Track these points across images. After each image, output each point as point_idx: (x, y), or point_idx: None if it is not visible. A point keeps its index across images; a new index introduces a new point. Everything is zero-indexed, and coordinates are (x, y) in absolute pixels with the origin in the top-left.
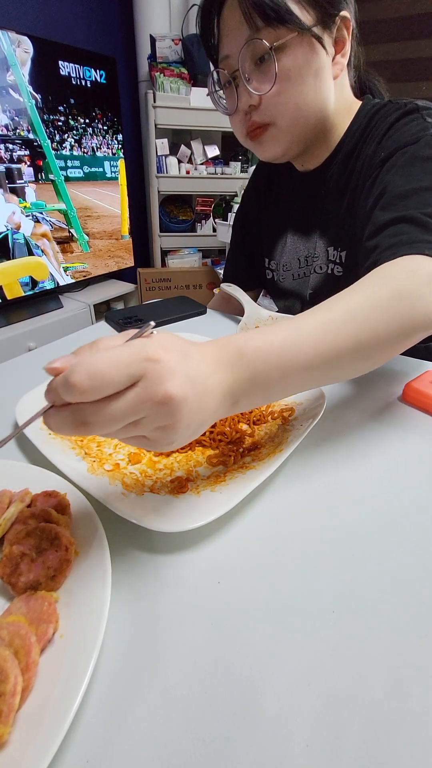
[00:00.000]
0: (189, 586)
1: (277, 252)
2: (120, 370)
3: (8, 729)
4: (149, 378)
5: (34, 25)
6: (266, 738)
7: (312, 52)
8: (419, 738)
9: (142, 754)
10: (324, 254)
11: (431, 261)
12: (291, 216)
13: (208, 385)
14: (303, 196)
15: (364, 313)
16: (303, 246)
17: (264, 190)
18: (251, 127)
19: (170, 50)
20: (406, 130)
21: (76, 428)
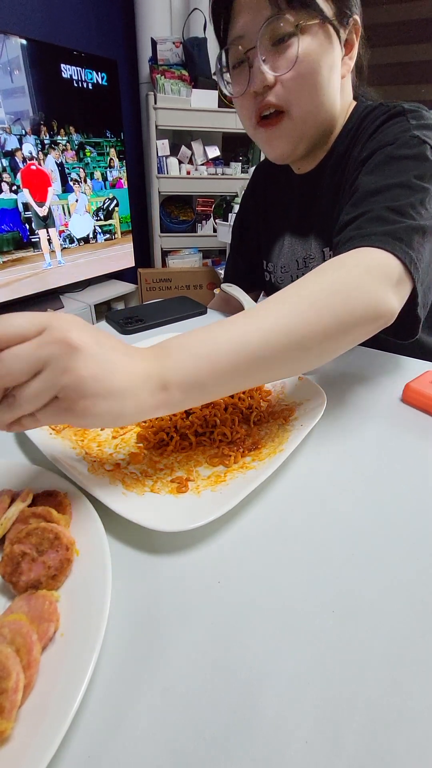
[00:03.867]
0: (189, 586)
1: (275, 254)
2: (26, 318)
3: (11, 725)
4: (53, 327)
5: (38, 29)
6: (266, 735)
7: (329, 43)
8: (418, 736)
9: (142, 750)
10: (320, 255)
11: (378, 251)
12: (289, 218)
13: (120, 359)
14: (300, 198)
15: (300, 309)
16: (301, 248)
17: (262, 194)
18: (264, 108)
19: (171, 53)
20: (389, 132)
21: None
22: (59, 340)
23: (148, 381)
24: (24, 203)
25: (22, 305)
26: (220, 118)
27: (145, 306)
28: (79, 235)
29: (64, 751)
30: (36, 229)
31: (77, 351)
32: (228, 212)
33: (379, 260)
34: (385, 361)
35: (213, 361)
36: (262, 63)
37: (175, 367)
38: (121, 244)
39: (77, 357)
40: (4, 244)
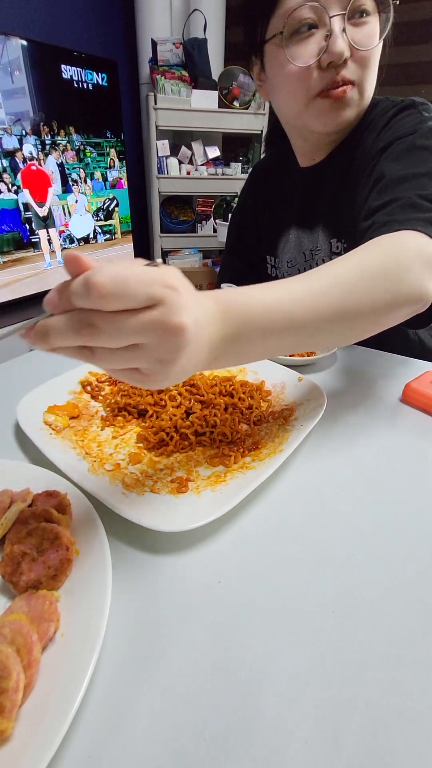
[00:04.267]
0: (189, 586)
1: (280, 249)
2: (143, 286)
3: (11, 724)
4: (168, 305)
5: (39, 30)
6: (266, 735)
7: (383, 34)
8: (418, 736)
9: (142, 750)
10: (327, 246)
11: (422, 236)
12: (292, 212)
13: (203, 334)
14: (304, 191)
15: (351, 281)
16: (307, 240)
17: (262, 192)
18: (337, 83)
19: (171, 53)
20: (404, 123)
21: (80, 330)
22: (170, 326)
23: (209, 355)
24: (24, 203)
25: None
26: (221, 118)
27: None
28: (79, 236)
29: (65, 750)
30: (36, 230)
31: (184, 340)
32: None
33: (423, 245)
34: (385, 361)
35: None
36: (344, 34)
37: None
38: (121, 244)
39: (180, 345)
40: (4, 245)
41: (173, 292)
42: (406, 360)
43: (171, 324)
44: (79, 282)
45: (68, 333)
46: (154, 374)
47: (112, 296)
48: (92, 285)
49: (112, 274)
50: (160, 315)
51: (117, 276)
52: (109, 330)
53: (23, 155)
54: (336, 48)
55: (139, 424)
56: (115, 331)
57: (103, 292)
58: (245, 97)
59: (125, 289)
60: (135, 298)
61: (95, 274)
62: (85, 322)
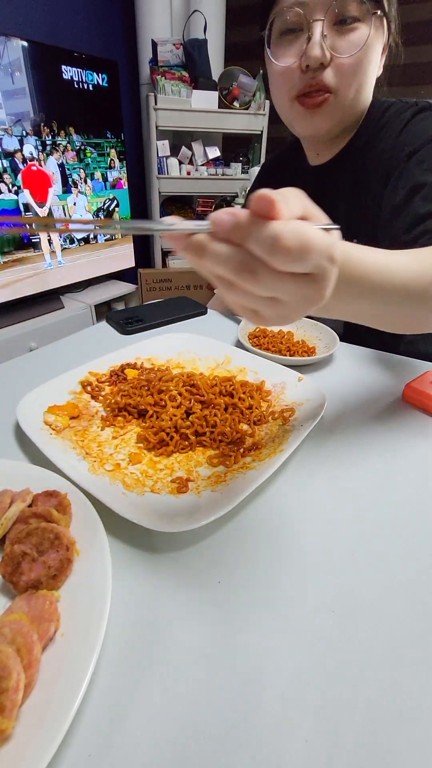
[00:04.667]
0: (189, 586)
1: None
2: (317, 257)
3: (12, 723)
4: (326, 279)
5: (39, 31)
6: (266, 734)
7: (381, 38)
8: (417, 735)
9: (142, 749)
10: None
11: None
12: None
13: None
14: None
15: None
16: None
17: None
18: (312, 86)
19: (171, 54)
20: (425, 126)
21: (240, 271)
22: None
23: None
24: (25, 204)
25: (22, 305)
26: (221, 118)
27: (146, 306)
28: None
29: (65, 749)
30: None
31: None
32: None
33: None
34: (385, 361)
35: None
36: (323, 39)
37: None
38: (121, 244)
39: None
40: (4, 245)
41: (333, 266)
42: (406, 360)
43: (321, 296)
44: (269, 234)
45: (226, 265)
46: (271, 320)
47: (292, 260)
48: (280, 245)
49: (299, 237)
50: (317, 288)
51: (303, 242)
52: (266, 283)
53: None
54: (310, 53)
55: (139, 425)
56: (271, 286)
57: (287, 257)
58: (245, 98)
59: (305, 257)
60: (307, 265)
61: (285, 234)
62: (249, 267)
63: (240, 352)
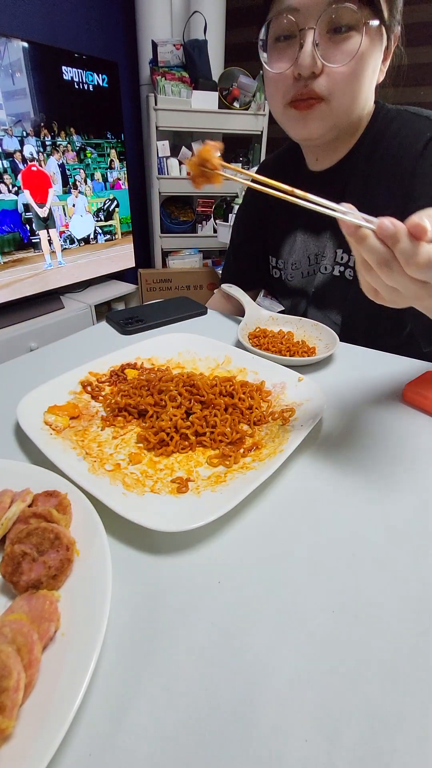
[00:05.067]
0: (189, 586)
1: (285, 251)
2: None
3: (12, 723)
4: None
5: (39, 32)
6: (266, 734)
7: (378, 47)
8: (416, 734)
9: (143, 748)
10: (332, 255)
11: None
12: (300, 215)
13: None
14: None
15: None
16: (313, 244)
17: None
18: (304, 95)
19: (171, 55)
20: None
21: (380, 264)
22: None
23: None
24: (25, 204)
25: (22, 305)
26: (221, 119)
27: (146, 306)
28: (79, 236)
29: (65, 749)
30: (36, 230)
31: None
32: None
33: None
34: (385, 361)
35: None
36: (315, 48)
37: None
38: (121, 244)
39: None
40: (4, 245)
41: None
42: (406, 360)
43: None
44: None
45: (374, 256)
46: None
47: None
48: (415, 260)
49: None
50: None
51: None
52: (395, 278)
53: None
54: (300, 62)
55: (139, 425)
56: (397, 280)
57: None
58: (245, 98)
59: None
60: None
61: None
62: (389, 263)
63: (240, 353)
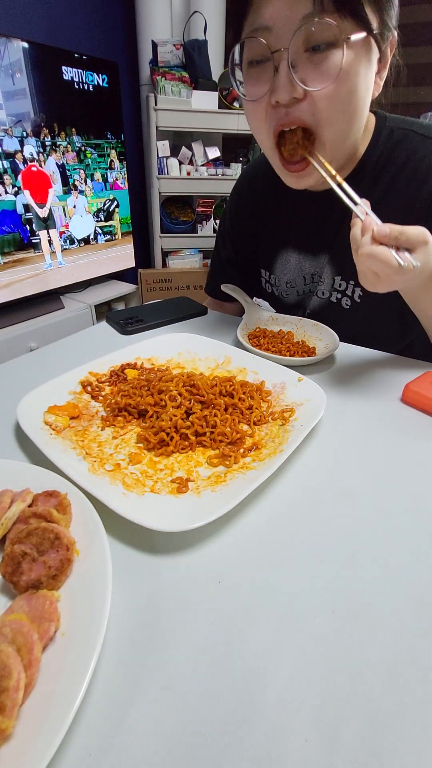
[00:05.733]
0: (189, 586)
1: (278, 268)
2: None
3: (12, 723)
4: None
5: (39, 32)
6: (266, 733)
7: (369, 60)
8: (416, 733)
9: (143, 748)
10: (330, 281)
11: None
12: (294, 234)
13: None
14: (310, 216)
15: None
16: (309, 264)
17: (263, 200)
18: (287, 124)
19: (171, 55)
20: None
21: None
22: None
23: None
24: (24, 205)
25: (22, 305)
26: (221, 119)
27: (146, 306)
28: (79, 236)
29: (65, 749)
30: (36, 231)
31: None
32: None
33: None
34: (385, 361)
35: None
36: (292, 71)
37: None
38: (121, 244)
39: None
40: (4, 245)
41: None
42: (406, 360)
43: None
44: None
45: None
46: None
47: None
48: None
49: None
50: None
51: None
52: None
53: (24, 156)
54: (275, 88)
55: (139, 425)
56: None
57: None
58: None
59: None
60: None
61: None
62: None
63: (240, 353)
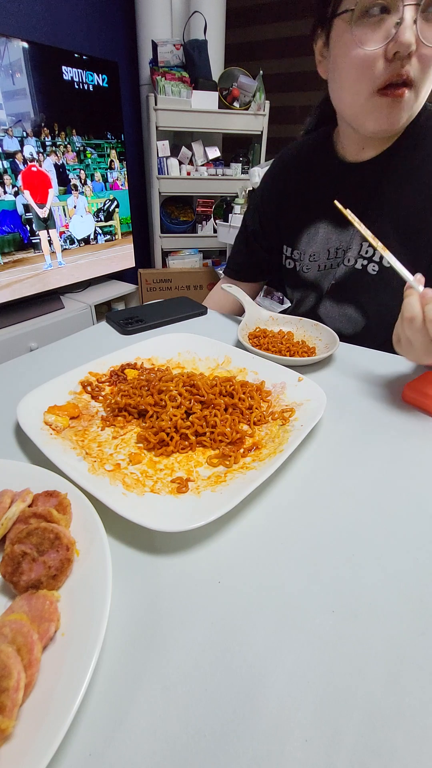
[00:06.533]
0: (189, 586)
1: (303, 241)
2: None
3: (12, 723)
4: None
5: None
6: (266, 733)
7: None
8: (416, 733)
9: (142, 747)
10: (357, 249)
11: None
12: (326, 206)
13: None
14: (346, 187)
15: None
16: (336, 238)
17: (287, 179)
18: (396, 77)
19: (171, 55)
20: None
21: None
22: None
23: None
24: (24, 205)
25: (22, 306)
26: (221, 119)
27: (146, 306)
28: (79, 237)
29: (65, 749)
30: (36, 231)
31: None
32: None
33: None
34: (385, 361)
35: None
36: (414, 25)
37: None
38: (121, 245)
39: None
40: (4, 246)
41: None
42: (406, 360)
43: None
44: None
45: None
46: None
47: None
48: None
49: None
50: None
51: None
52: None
53: (23, 156)
54: (403, 38)
55: (139, 425)
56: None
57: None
58: (245, 98)
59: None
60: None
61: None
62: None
63: (240, 353)
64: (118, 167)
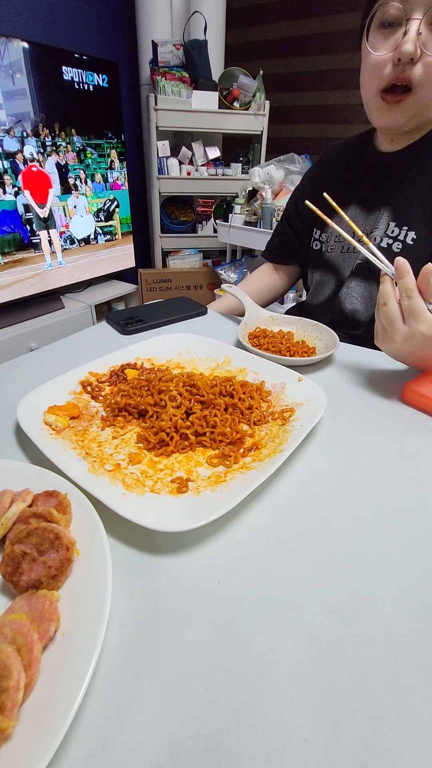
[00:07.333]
0: (189, 586)
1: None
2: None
3: (12, 723)
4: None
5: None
6: (266, 734)
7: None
8: (416, 733)
9: (143, 748)
10: (384, 228)
11: None
12: (358, 191)
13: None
14: (379, 174)
15: None
16: (362, 221)
17: (334, 167)
18: (399, 80)
19: (171, 55)
20: None
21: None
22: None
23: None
24: (25, 205)
25: (22, 306)
26: (221, 119)
27: (146, 306)
28: (79, 237)
29: (65, 749)
30: (37, 231)
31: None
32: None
33: None
34: (385, 361)
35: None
36: (418, 36)
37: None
38: (121, 245)
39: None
40: (5, 246)
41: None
42: None
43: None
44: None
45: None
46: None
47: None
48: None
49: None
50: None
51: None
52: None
53: (24, 157)
54: (404, 47)
55: (139, 425)
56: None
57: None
58: (245, 98)
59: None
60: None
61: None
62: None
63: (240, 353)
64: (118, 167)
